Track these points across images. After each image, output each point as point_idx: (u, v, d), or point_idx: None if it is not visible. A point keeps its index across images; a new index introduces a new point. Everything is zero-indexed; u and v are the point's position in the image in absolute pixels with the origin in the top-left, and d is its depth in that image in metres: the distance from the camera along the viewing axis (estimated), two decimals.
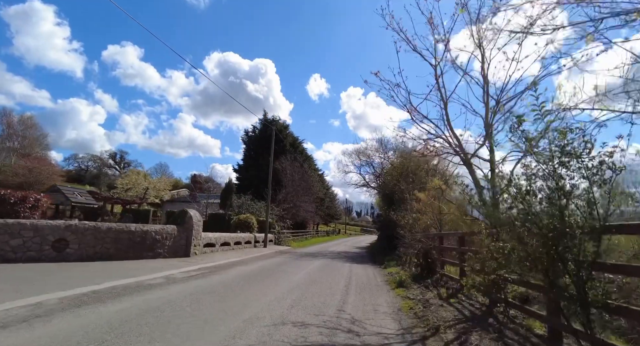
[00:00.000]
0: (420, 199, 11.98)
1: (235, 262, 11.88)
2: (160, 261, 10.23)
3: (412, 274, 9.49)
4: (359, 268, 12.72)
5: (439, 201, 11.42)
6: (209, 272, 9.16)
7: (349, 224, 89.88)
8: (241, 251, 16.18)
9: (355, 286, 8.08)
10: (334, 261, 14.81)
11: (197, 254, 12.36)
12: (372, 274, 10.66)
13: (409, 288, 7.52)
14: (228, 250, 15.35)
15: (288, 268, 11.35)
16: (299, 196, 34.73)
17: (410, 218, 14.71)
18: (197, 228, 12.29)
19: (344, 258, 16.93)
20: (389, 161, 24.20)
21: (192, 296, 5.88)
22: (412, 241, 10.31)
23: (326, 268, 11.99)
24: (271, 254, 16.53)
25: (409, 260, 11.60)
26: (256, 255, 15.14)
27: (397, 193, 17.12)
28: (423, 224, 13.37)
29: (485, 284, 4.46)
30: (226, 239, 15.33)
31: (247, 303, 5.59)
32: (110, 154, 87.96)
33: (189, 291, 6.29)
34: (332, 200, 56.58)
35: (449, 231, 9.18)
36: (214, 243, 14.03)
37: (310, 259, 14.99)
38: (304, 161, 39.09)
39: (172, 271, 8.62)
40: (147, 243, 10.43)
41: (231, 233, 16.35)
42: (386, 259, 14.45)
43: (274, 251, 18.55)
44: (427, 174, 19.72)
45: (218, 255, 13.23)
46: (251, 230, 20.73)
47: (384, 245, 18.94)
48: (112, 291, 5.75)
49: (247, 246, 18.34)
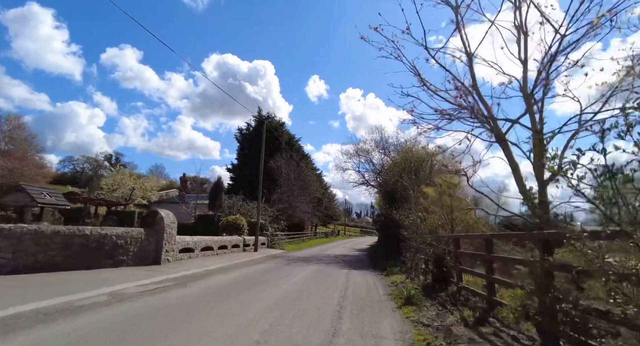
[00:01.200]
0: (427, 195, 10.32)
1: (213, 270, 10.22)
2: (119, 271, 8.58)
3: (421, 285, 7.84)
4: (358, 275, 11.07)
5: (450, 197, 9.78)
6: (175, 284, 7.53)
7: (348, 225, 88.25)
8: (226, 256, 14.52)
9: (352, 302, 6.44)
10: (329, 267, 13.16)
11: (170, 262, 10.71)
12: (373, 284, 9.02)
13: (420, 307, 5.87)
14: (210, 256, 13.69)
15: (275, 276, 9.71)
16: (295, 196, 33.06)
17: (416, 217, 13.09)
18: (169, 231, 10.64)
19: (341, 263, 15.28)
20: (389, 157, 22.56)
21: (123, 325, 4.23)
22: (421, 245, 8.64)
23: (319, 275, 10.35)
24: (260, 260, 14.87)
25: (414, 266, 9.95)
26: (242, 261, 13.49)
27: (399, 190, 15.50)
28: (431, 224, 11.76)
29: (549, 315, 2.85)
30: (208, 244, 13.67)
31: (199, 336, 3.95)
32: (105, 156, 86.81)
33: (128, 316, 4.65)
34: (330, 200, 54.91)
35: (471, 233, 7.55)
36: (193, 248, 12.37)
37: (303, 265, 13.33)
38: (301, 160, 37.45)
39: (125, 285, 6.97)
40: (105, 249, 8.78)
41: (215, 237, 14.71)
42: (388, 265, 12.80)
43: (264, 255, 16.90)
44: (430, 171, 18.11)
45: (196, 262, 11.57)
46: (241, 233, 19.08)
47: (385, 248, 17.28)
48: (7, 323, 4.10)
49: (235, 250, 16.68)
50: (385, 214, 16.67)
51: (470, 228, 11.15)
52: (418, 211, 13.75)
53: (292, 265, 13.19)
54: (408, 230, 13.40)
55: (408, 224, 13.39)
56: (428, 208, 11.02)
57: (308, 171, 38.61)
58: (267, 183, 29.97)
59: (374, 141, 25.26)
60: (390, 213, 15.07)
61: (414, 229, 13.10)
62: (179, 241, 11.34)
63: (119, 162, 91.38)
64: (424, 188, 11.56)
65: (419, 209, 14.15)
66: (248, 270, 10.84)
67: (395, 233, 14.48)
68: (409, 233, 13.17)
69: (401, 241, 14.85)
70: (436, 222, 11.50)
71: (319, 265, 13.73)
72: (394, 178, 16.63)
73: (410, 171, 16.88)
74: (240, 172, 36.71)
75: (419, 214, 13.25)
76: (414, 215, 13.35)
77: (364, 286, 8.62)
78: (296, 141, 40.94)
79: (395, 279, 9.68)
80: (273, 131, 34.00)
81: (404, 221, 13.58)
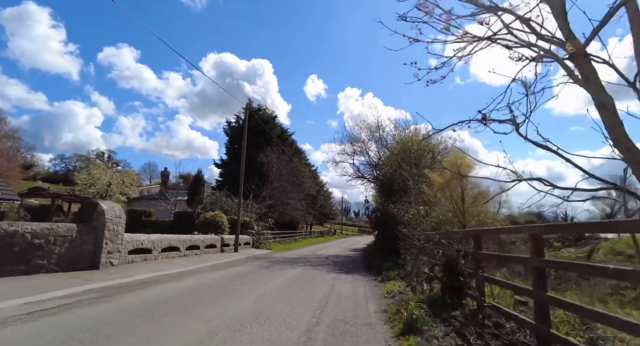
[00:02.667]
0: (432, 183, 8.34)
1: (166, 276, 8.20)
2: (29, 280, 6.53)
3: (426, 298, 5.85)
4: (347, 281, 9.06)
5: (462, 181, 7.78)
6: (96, 298, 5.55)
7: (345, 224, 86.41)
8: (196, 258, 12.48)
9: (328, 328, 4.44)
10: (315, 271, 11.16)
11: (115, 265, 8.67)
12: (363, 295, 7.01)
13: (428, 337, 3.86)
14: (175, 258, 11.66)
15: (242, 284, 7.70)
16: (287, 193, 31.04)
17: (417, 211, 11.11)
18: (114, 228, 8.60)
19: (330, 265, 13.28)
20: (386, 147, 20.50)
21: None
22: (425, 244, 6.60)
23: (299, 282, 8.34)
24: (237, 262, 12.85)
25: (417, 271, 7.95)
26: (212, 264, 11.47)
27: (397, 181, 13.51)
28: (436, 218, 9.79)
29: None
30: (173, 243, 11.63)
31: None
32: (97, 154, 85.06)
33: None
34: (326, 198, 52.89)
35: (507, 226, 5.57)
36: (150, 249, 10.32)
37: (285, 269, 11.33)
38: (294, 155, 35.43)
39: (14, 302, 4.96)
40: (14, 251, 6.73)
41: (182, 235, 12.68)
42: (385, 267, 10.83)
43: (244, 256, 14.87)
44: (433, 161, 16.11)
45: (151, 265, 9.53)
46: (220, 231, 17.05)
47: (381, 247, 15.29)
48: None
49: (211, 251, 14.64)
50: (381, 209, 14.69)
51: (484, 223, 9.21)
52: (419, 205, 11.78)
53: (271, 269, 11.19)
54: (408, 227, 11.46)
55: (408, 219, 11.44)
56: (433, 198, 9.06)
57: (302, 167, 36.59)
58: (256, 178, 27.98)
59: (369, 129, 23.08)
60: (387, 208, 13.09)
61: (415, 225, 11.14)
62: (128, 240, 9.29)
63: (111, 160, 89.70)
64: (429, 172, 9.55)
65: (420, 202, 12.18)
66: (213, 276, 8.82)
67: (393, 230, 12.52)
68: (409, 230, 11.23)
69: (400, 239, 12.87)
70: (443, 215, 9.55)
71: (304, 268, 11.73)
72: (391, 168, 14.63)
73: (410, 162, 14.89)
74: (229, 168, 34.64)
75: (420, 208, 11.29)
76: (415, 209, 11.39)
77: (351, 298, 6.61)
78: (289, 134, 38.90)
79: (392, 287, 7.67)
80: (262, 124, 31.95)
81: (403, 216, 11.62)
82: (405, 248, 8.52)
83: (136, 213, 22.17)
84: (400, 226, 11.77)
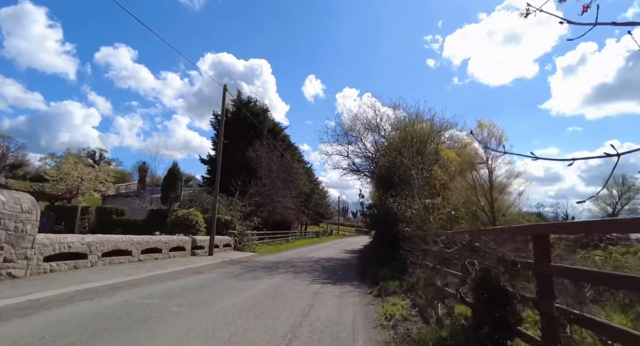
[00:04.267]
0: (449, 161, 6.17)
1: (87, 292, 5.98)
2: None
3: (449, 335, 3.66)
4: (332, 297, 6.86)
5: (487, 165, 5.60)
6: None
7: (342, 224, 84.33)
8: (154, 264, 10.26)
9: None
10: (296, 279, 8.97)
11: (20, 277, 6.43)
12: (350, 325, 4.81)
13: None
14: (125, 264, 9.43)
15: (183, 305, 5.50)
16: (277, 190, 28.81)
17: (421, 205, 8.97)
18: (16, 226, 6.36)
19: (318, 272, 11.08)
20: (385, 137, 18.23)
21: None
22: (446, 248, 4.31)
23: (265, 301, 6.14)
24: (205, 268, 10.64)
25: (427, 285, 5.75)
26: (171, 271, 9.26)
27: (397, 172, 11.34)
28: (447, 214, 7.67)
29: None
30: (121, 246, 9.39)
31: None
32: (88, 153, 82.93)
33: None
34: (322, 197, 50.69)
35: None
36: (84, 253, 8.08)
37: (259, 277, 9.14)
38: (286, 150, 33.21)
39: None
40: None
41: (136, 236, 10.43)
42: (382, 276, 8.67)
43: (219, 261, 12.65)
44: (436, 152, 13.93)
45: (78, 275, 7.29)
46: (194, 231, 14.82)
47: (378, 250, 13.08)
48: None
49: (179, 254, 12.42)
50: (378, 204, 12.50)
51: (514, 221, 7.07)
52: (425, 198, 9.61)
53: (242, 277, 9.00)
54: (410, 225, 9.29)
55: (410, 216, 9.27)
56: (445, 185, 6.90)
57: (295, 163, 34.37)
58: (243, 174, 25.80)
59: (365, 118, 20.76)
60: (386, 202, 10.91)
61: (419, 223, 8.97)
62: (46, 243, 7.06)
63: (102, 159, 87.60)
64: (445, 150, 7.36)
65: (427, 194, 10.00)
66: (152, 290, 6.60)
67: (393, 229, 10.34)
68: (412, 229, 9.05)
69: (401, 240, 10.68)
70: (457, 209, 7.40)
71: (284, 276, 9.54)
72: (391, 156, 12.42)
73: (412, 150, 12.70)
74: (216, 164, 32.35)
75: (427, 201, 9.12)
76: (420, 203, 9.22)
77: (330, 331, 4.40)
78: (281, 128, 36.70)
79: (392, 308, 5.47)
80: (251, 117, 29.76)
81: (405, 212, 9.44)
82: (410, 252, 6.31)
83: (106, 211, 19.94)
84: (401, 225, 9.61)
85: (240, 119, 32.39)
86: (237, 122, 32.56)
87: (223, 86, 14.80)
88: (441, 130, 14.38)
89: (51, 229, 18.37)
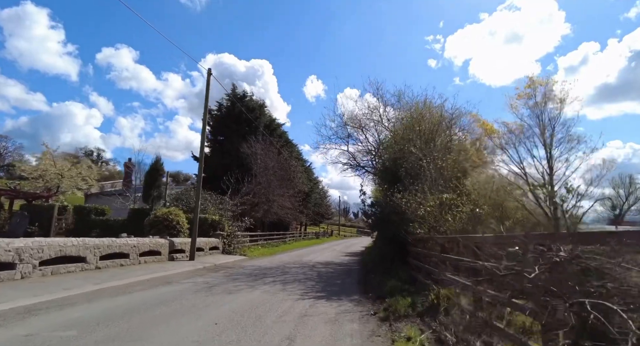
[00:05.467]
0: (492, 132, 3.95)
1: None
2: None
3: None
4: (322, 325, 5.14)
5: None
6: None
7: (344, 225, 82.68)
8: (115, 271, 8.58)
9: None
10: (282, 293, 7.28)
11: None
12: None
13: None
14: (76, 272, 7.76)
15: (112, 340, 3.82)
16: (274, 189, 27.15)
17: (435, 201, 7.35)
18: None
19: (311, 281, 9.40)
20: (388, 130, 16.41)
21: None
22: (515, 265, 2.60)
23: (232, 330, 4.45)
24: (178, 276, 8.97)
25: (460, 310, 4.07)
26: (134, 281, 7.61)
27: (404, 164, 9.61)
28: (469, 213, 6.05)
29: None
30: (70, 252, 7.71)
31: None
32: (85, 152, 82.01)
33: None
34: (322, 197, 48.97)
35: None
36: (12, 262, 6.41)
37: (238, 290, 7.46)
38: (283, 147, 31.53)
39: None
40: None
41: (92, 239, 8.74)
42: (389, 288, 6.99)
43: (199, 267, 10.98)
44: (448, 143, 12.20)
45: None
46: (175, 232, 13.17)
47: (383, 255, 11.34)
48: None
49: (152, 259, 10.75)
50: (382, 201, 10.79)
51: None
52: (440, 193, 7.92)
53: (216, 290, 7.33)
54: (423, 226, 7.63)
55: (423, 214, 7.60)
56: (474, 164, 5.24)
57: (293, 161, 32.69)
58: (237, 172, 24.18)
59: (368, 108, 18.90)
60: (392, 199, 9.19)
61: (435, 224, 7.31)
62: None
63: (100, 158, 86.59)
64: (479, 121, 5.47)
65: (440, 189, 8.30)
66: (90, 311, 4.93)
67: (400, 230, 8.64)
68: (425, 231, 7.38)
69: (411, 243, 8.96)
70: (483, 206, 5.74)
71: (269, 288, 7.86)
72: (398, 145, 10.68)
73: (421, 138, 10.99)
74: (211, 161, 30.75)
75: (444, 196, 7.45)
76: (434, 199, 7.54)
77: None
78: (279, 125, 35.04)
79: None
80: (245, 112, 28.14)
81: (417, 210, 7.75)
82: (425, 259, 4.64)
83: (85, 210, 18.31)
84: (411, 225, 7.92)
85: (235, 115, 30.76)
86: (231, 117, 30.95)
87: (207, 69, 13.12)
88: (453, 118, 12.66)
89: (24, 231, 16.74)
